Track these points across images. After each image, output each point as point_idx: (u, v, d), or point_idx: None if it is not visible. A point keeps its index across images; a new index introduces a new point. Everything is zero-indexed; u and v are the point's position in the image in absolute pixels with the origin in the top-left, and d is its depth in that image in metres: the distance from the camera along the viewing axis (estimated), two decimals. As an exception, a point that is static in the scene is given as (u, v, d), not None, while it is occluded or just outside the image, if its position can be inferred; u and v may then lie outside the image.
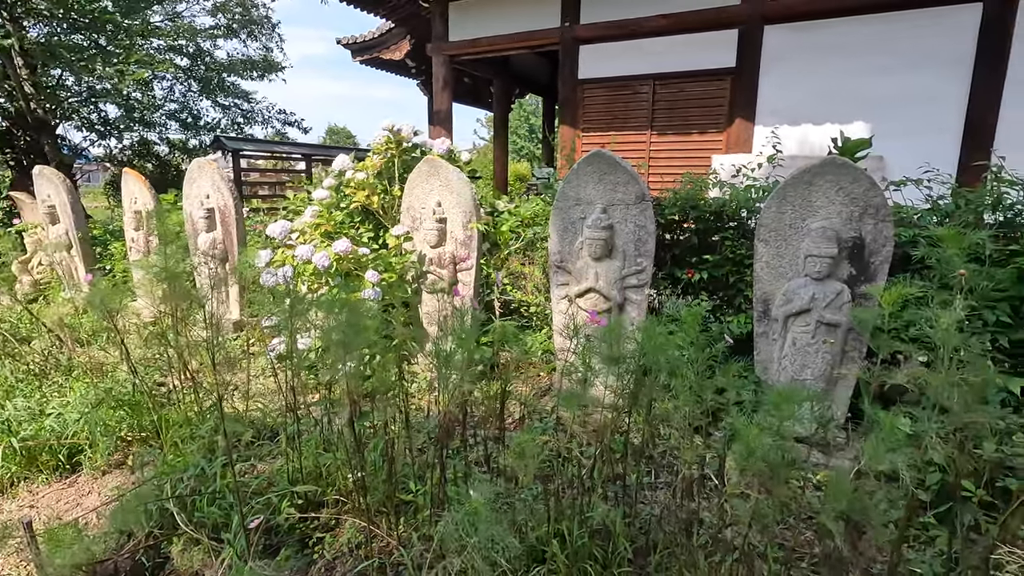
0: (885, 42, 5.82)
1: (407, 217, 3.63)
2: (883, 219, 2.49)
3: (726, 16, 6.37)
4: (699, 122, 6.85)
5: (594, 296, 3.07)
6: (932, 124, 5.72)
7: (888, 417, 1.08)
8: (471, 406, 2.15)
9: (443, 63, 8.31)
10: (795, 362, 2.70)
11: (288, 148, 11.46)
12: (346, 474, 2.12)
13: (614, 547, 1.76)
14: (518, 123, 29.43)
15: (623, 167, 2.90)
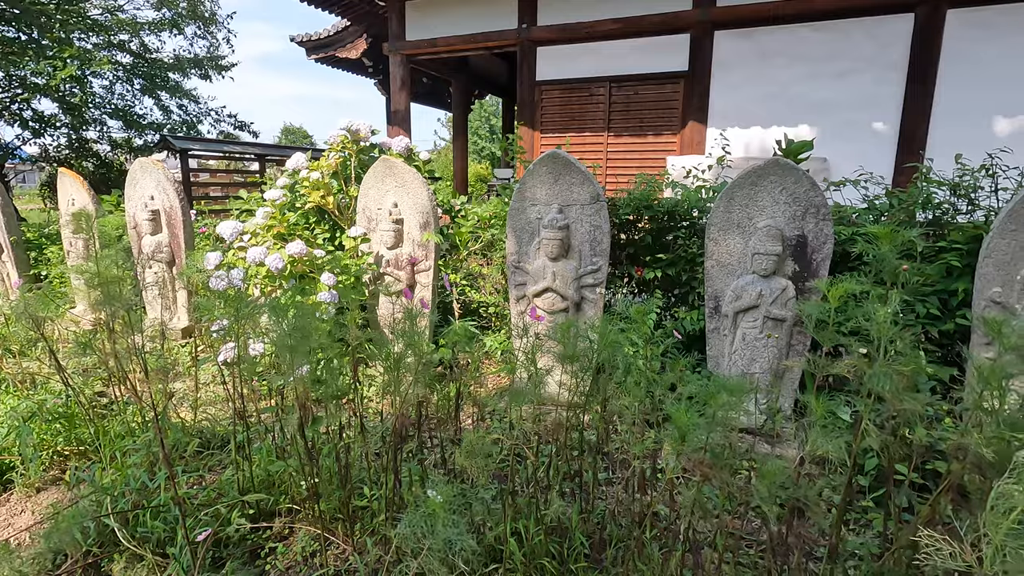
0: (827, 49, 6.09)
1: (363, 218, 3.58)
2: (824, 218, 2.60)
3: (677, 21, 6.53)
4: (654, 124, 7.01)
5: (551, 295, 3.09)
6: (871, 128, 6.02)
7: (821, 405, 1.13)
8: (426, 408, 2.13)
9: (400, 63, 8.23)
10: (745, 356, 2.79)
11: (240, 148, 11.10)
12: (299, 481, 2.07)
13: (570, 543, 1.78)
14: (479, 124, 29.39)
15: (577, 167, 2.93)
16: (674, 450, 1.13)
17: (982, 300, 2.42)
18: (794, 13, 6.07)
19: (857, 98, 6.03)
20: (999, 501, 0.74)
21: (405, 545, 1.33)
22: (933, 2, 5.59)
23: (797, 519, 1.43)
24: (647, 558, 1.69)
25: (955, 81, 5.64)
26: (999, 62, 5.48)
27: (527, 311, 3.11)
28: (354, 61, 10.41)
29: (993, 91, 5.51)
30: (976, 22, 5.53)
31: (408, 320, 2.14)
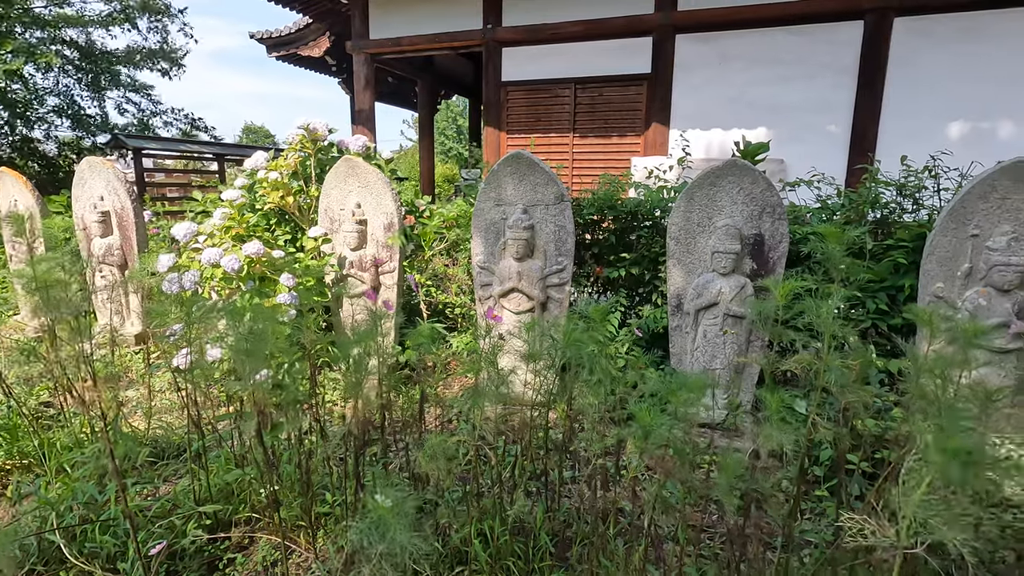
0: (782, 53, 6.28)
1: (325, 219, 3.51)
2: (779, 217, 2.68)
3: (640, 24, 6.64)
4: (618, 125, 7.10)
5: (517, 296, 3.10)
6: (825, 130, 6.24)
7: (774, 399, 1.17)
8: (390, 411, 2.10)
9: (364, 62, 8.12)
10: (706, 353, 2.86)
11: (198, 147, 10.75)
12: (259, 490, 2.02)
13: (535, 542, 1.78)
14: (446, 124, 29.24)
15: (541, 168, 2.95)
16: (637, 448, 1.15)
17: (926, 295, 2.53)
18: (751, 18, 6.25)
19: (812, 101, 6.24)
20: (908, 477, 0.78)
21: (358, 552, 1.31)
22: (881, 11, 5.83)
23: (757, 510, 1.47)
24: (611, 554, 1.71)
25: (902, 85, 5.90)
26: (941, 68, 5.76)
27: (488, 311, 3.11)
28: (317, 60, 10.22)
29: (937, 95, 5.78)
30: (920, 30, 5.79)
31: (372, 321, 2.11)
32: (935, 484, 0.75)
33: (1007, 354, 2.40)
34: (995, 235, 2.38)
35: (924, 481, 0.75)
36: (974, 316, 2.41)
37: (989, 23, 5.57)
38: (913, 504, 0.76)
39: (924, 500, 0.76)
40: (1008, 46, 5.52)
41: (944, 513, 0.74)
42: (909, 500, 0.76)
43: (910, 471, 0.77)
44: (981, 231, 2.41)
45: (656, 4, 6.58)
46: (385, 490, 1.03)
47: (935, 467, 0.70)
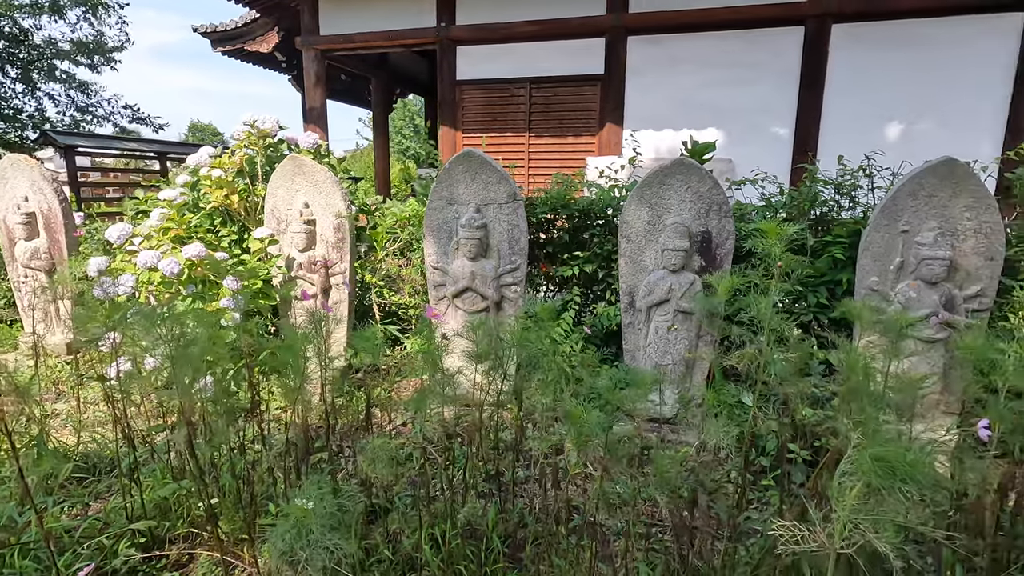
0: (729, 57, 6.47)
1: (271, 219, 3.39)
2: (726, 215, 2.74)
3: (592, 25, 6.71)
4: (573, 125, 7.15)
5: (471, 295, 3.07)
6: (771, 131, 6.46)
7: (712, 394, 1.19)
8: (335, 416, 2.04)
9: (314, 58, 7.91)
10: (658, 349, 2.90)
11: (138, 145, 10.24)
12: (197, 503, 1.92)
13: (488, 545, 1.76)
14: (403, 123, 28.84)
15: (493, 166, 2.93)
16: (575, 446, 1.14)
17: (862, 289, 2.64)
18: (698, 22, 6.40)
19: (758, 103, 6.45)
20: (843, 479, 0.80)
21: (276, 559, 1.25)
22: (820, 17, 6.08)
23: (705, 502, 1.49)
24: (564, 552, 1.70)
25: (840, 89, 6.17)
26: (877, 72, 6.05)
27: (444, 312, 3.07)
28: (265, 55, 9.88)
29: (873, 98, 6.07)
30: (857, 36, 6.07)
31: (314, 325, 2.04)
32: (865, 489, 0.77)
33: (935, 343, 2.54)
34: (923, 231, 2.51)
35: (855, 486, 0.77)
36: (906, 308, 2.53)
37: (921, 31, 5.89)
38: (845, 508, 0.78)
39: (856, 504, 0.78)
40: (938, 53, 5.85)
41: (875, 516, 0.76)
42: (844, 503, 0.78)
43: (843, 474, 0.79)
44: (911, 227, 2.54)
45: (608, 6, 6.67)
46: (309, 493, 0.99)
47: (862, 473, 0.72)
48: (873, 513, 0.76)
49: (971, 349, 1.27)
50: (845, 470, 0.79)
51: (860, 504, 0.78)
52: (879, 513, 0.76)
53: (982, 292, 2.51)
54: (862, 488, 0.76)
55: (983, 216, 2.44)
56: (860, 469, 0.74)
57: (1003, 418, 1.17)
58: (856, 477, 0.76)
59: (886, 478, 0.70)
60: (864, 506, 0.78)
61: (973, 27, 5.75)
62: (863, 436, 0.84)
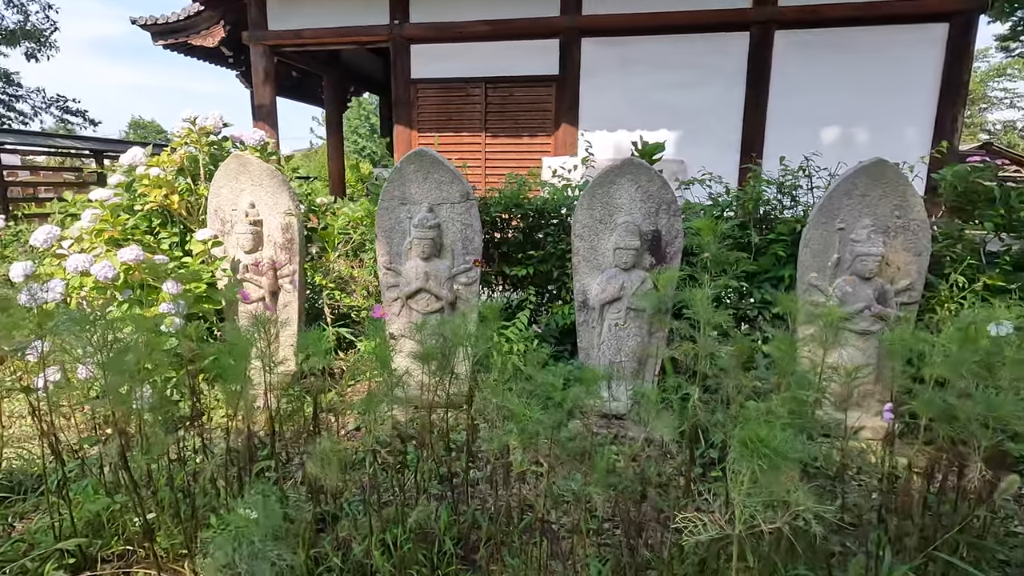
0: (680, 59, 6.64)
1: (215, 220, 3.26)
2: (675, 214, 2.80)
3: (546, 26, 6.76)
4: (529, 125, 7.19)
5: (426, 296, 3.04)
6: (719, 133, 6.67)
7: (652, 389, 1.21)
8: (281, 423, 1.98)
9: (263, 54, 7.67)
10: (612, 346, 2.94)
11: (72, 142, 9.68)
12: (133, 518, 1.82)
13: (440, 547, 1.74)
14: (359, 122, 28.35)
15: (445, 165, 2.90)
16: (520, 444, 1.14)
17: (803, 284, 2.75)
18: (649, 25, 6.54)
19: (708, 106, 6.65)
20: (735, 466, 0.83)
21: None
22: (764, 23, 6.31)
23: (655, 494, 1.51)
24: (517, 552, 1.70)
25: (784, 92, 6.42)
26: (817, 77, 6.33)
27: (398, 313, 3.03)
28: (211, 50, 9.50)
29: (813, 102, 6.35)
30: (798, 42, 6.33)
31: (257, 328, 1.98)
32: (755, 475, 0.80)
33: (870, 335, 2.67)
34: (857, 228, 2.63)
35: (746, 473, 0.79)
36: (843, 302, 2.65)
37: (858, 37, 6.20)
38: (741, 495, 0.81)
39: (749, 491, 0.80)
40: (872, 59, 6.17)
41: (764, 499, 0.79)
42: (739, 491, 0.81)
43: (733, 461, 0.82)
44: (846, 225, 2.66)
45: (562, 7, 6.73)
46: (250, 502, 0.95)
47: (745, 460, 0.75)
48: (762, 496, 0.79)
49: (896, 341, 1.34)
50: (734, 456, 0.81)
51: (754, 488, 0.80)
52: (769, 495, 0.79)
53: (911, 286, 2.65)
54: (751, 473, 0.79)
55: (911, 214, 2.58)
56: (739, 453, 0.77)
57: (929, 406, 1.24)
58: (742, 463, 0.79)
59: (758, 459, 0.73)
60: (756, 490, 0.80)
61: (903, 36, 6.10)
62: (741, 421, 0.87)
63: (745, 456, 0.76)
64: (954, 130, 6.01)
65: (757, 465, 0.74)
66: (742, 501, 0.81)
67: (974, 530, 1.46)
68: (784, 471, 0.75)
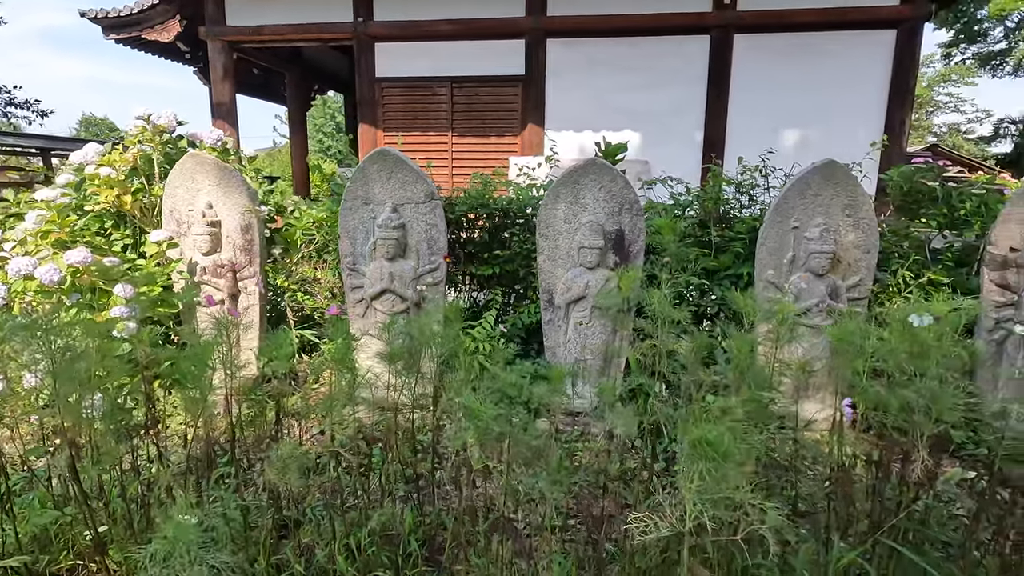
0: (643, 62, 6.74)
1: (171, 221, 3.16)
2: (637, 213, 2.85)
3: (511, 27, 6.77)
4: (496, 125, 7.19)
5: (391, 297, 3.01)
6: (682, 134, 6.80)
7: (609, 386, 1.23)
8: (242, 428, 1.93)
9: (221, 50, 7.46)
10: (577, 344, 2.97)
11: (16, 140, 9.22)
12: (83, 531, 1.75)
13: (405, 549, 1.73)
14: (324, 121, 27.86)
15: (409, 165, 2.88)
16: (477, 440, 1.15)
17: (760, 281, 2.83)
18: (613, 27, 6.63)
19: (671, 107, 6.77)
20: (686, 464, 0.85)
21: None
22: (723, 27, 6.47)
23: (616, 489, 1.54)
24: (482, 551, 1.70)
25: (744, 95, 6.60)
26: (776, 80, 6.52)
27: (362, 314, 3.00)
28: (166, 45, 9.17)
29: (771, 104, 6.54)
30: (756, 46, 6.51)
31: (218, 332, 1.93)
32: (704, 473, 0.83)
33: (823, 330, 2.76)
34: (810, 227, 2.72)
35: (695, 471, 0.82)
36: (798, 298, 2.74)
37: (813, 42, 6.41)
38: (690, 493, 0.83)
39: (699, 488, 0.83)
40: (826, 63, 6.39)
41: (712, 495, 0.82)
42: (687, 486, 0.83)
43: (685, 459, 0.84)
44: (801, 224, 2.75)
45: (527, 8, 6.76)
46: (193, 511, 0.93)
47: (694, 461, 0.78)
48: (712, 493, 0.82)
49: (841, 335, 1.40)
50: (685, 456, 0.84)
51: (704, 485, 0.83)
52: (717, 492, 0.82)
53: (861, 282, 2.76)
54: (700, 472, 0.82)
55: (860, 213, 2.68)
56: (689, 451, 0.79)
57: (867, 397, 1.30)
58: (692, 460, 0.82)
59: (706, 461, 0.76)
60: (704, 488, 0.83)
61: (855, 41, 6.34)
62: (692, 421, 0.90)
63: (694, 457, 0.78)
64: (902, 132, 6.28)
65: (704, 468, 0.76)
66: (692, 499, 0.83)
67: (918, 515, 1.53)
68: (731, 473, 0.78)
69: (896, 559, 1.39)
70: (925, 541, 1.54)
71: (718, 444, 0.77)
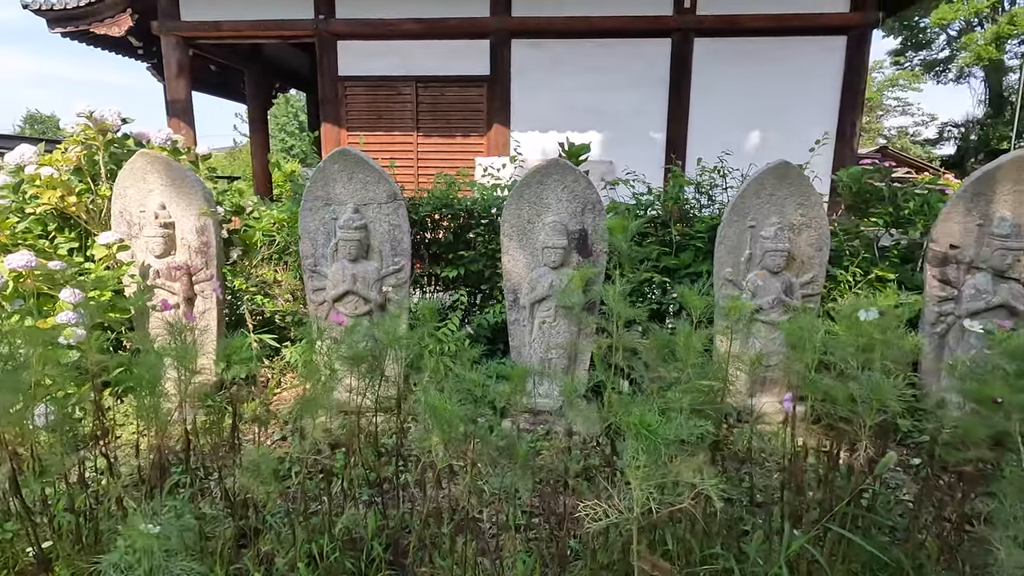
0: (608, 64, 6.83)
1: (121, 223, 3.04)
2: (600, 213, 2.88)
3: (476, 27, 6.76)
4: (461, 125, 7.17)
5: (353, 299, 2.97)
6: (646, 134, 6.92)
7: (569, 384, 1.24)
8: (198, 436, 1.88)
9: (176, 46, 7.22)
10: (543, 343, 2.99)
11: (-46, 138, 8.71)
12: (26, 548, 1.67)
13: (369, 554, 1.71)
14: (287, 120, 27.27)
15: (371, 165, 2.85)
16: (441, 440, 1.14)
17: (719, 279, 2.91)
18: (577, 29, 6.70)
19: (634, 108, 6.88)
20: (633, 458, 0.88)
21: None
22: (684, 31, 6.61)
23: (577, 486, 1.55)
24: (448, 552, 1.70)
25: (704, 97, 6.75)
26: (734, 84, 6.70)
27: (324, 317, 2.94)
28: (117, 40, 8.82)
29: (730, 106, 6.71)
30: (715, 50, 6.68)
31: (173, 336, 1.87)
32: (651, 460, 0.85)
33: (780, 326, 2.85)
34: (766, 226, 2.81)
35: (640, 460, 0.84)
36: (755, 295, 2.82)
37: (769, 47, 6.61)
38: (636, 479, 0.85)
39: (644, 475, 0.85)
40: (782, 67, 6.60)
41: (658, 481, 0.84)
42: (634, 474, 0.86)
43: (632, 452, 0.86)
44: (757, 222, 2.83)
45: (491, 8, 6.76)
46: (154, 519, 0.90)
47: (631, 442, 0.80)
48: (654, 479, 0.84)
49: (794, 331, 1.45)
50: (632, 448, 0.86)
51: (648, 472, 0.85)
52: (661, 478, 0.84)
53: (814, 279, 2.86)
54: (639, 455, 0.84)
55: (812, 212, 2.78)
56: (630, 435, 0.82)
57: (815, 389, 1.35)
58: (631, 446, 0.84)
59: (641, 441, 0.78)
60: (649, 473, 0.85)
61: (808, 47, 6.57)
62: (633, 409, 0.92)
63: (630, 439, 0.80)
64: (853, 134, 6.53)
65: (641, 447, 0.78)
66: (638, 485, 0.85)
67: (865, 501, 1.60)
68: (667, 452, 0.80)
69: (846, 544, 1.45)
70: (872, 526, 1.61)
71: (652, 425, 0.79)
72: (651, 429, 0.78)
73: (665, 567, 0.94)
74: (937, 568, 1.43)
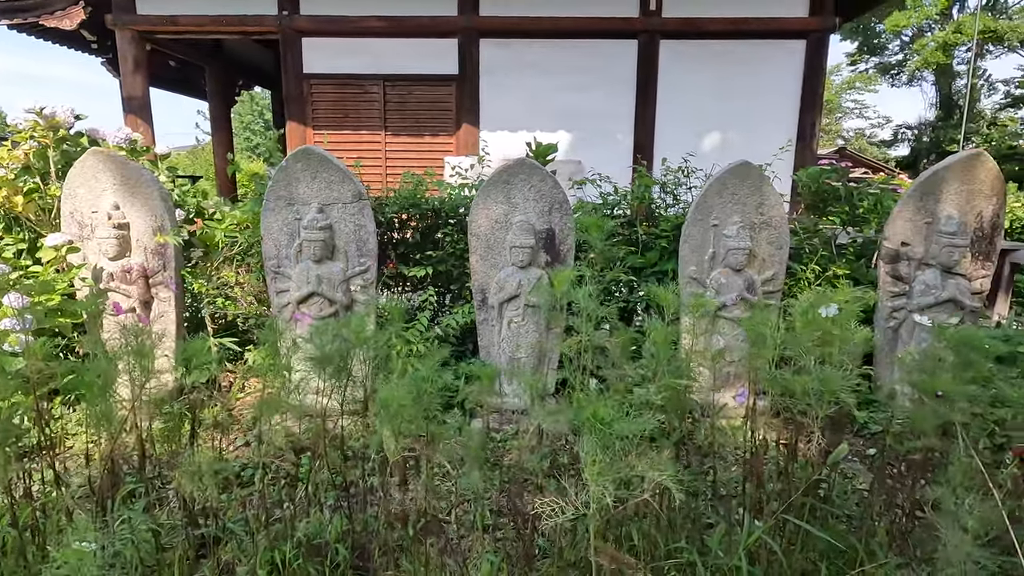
0: (575, 63, 6.87)
1: (71, 223, 2.92)
2: (566, 212, 2.90)
3: (443, 25, 6.72)
4: (430, 125, 7.11)
5: (318, 300, 2.92)
6: (614, 135, 6.98)
7: (532, 381, 1.25)
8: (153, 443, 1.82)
9: (131, 40, 6.97)
10: (511, 343, 2.99)
11: None
12: (-34, 566, 1.59)
13: (333, 559, 1.68)
14: (252, 118, 26.69)
15: (335, 164, 2.80)
16: (392, 433, 1.13)
17: (684, 277, 2.96)
18: (545, 29, 6.71)
19: (602, 108, 6.93)
20: (588, 455, 0.89)
21: None
22: (650, 32, 6.70)
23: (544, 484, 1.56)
24: (416, 555, 1.68)
25: (670, 98, 6.85)
26: (697, 84, 6.82)
27: (288, 319, 2.89)
28: (70, 33, 8.46)
29: (695, 107, 6.83)
30: (680, 52, 6.79)
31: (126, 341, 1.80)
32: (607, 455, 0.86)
33: (742, 322, 2.92)
34: (728, 225, 2.87)
35: (595, 455, 0.85)
36: (718, 292, 2.88)
37: (732, 50, 6.75)
38: (593, 476, 0.86)
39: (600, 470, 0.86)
40: (745, 70, 6.75)
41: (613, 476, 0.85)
42: (591, 470, 0.86)
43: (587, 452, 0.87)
44: (720, 221, 2.89)
45: (459, 7, 6.72)
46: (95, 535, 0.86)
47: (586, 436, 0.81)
48: (610, 474, 0.85)
49: (754, 327, 1.48)
50: (587, 448, 0.87)
51: (604, 466, 0.86)
52: (615, 473, 0.86)
53: (775, 276, 2.93)
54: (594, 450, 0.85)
55: (772, 211, 2.85)
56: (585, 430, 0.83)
57: (773, 383, 1.38)
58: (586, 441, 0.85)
59: (594, 435, 0.79)
60: (604, 467, 0.87)
61: (769, 50, 6.73)
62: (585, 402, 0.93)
63: (585, 434, 0.81)
64: (812, 135, 6.73)
65: (595, 443, 0.79)
66: (594, 481, 0.86)
67: (822, 491, 1.65)
68: (623, 447, 0.81)
69: (804, 533, 1.49)
70: (830, 515, 1.66)
71: (606, 419, 0.80)
72: (605, 423, 0.79)
73: (623, 559, 0.95)
74: (889, 554, 1.48)
